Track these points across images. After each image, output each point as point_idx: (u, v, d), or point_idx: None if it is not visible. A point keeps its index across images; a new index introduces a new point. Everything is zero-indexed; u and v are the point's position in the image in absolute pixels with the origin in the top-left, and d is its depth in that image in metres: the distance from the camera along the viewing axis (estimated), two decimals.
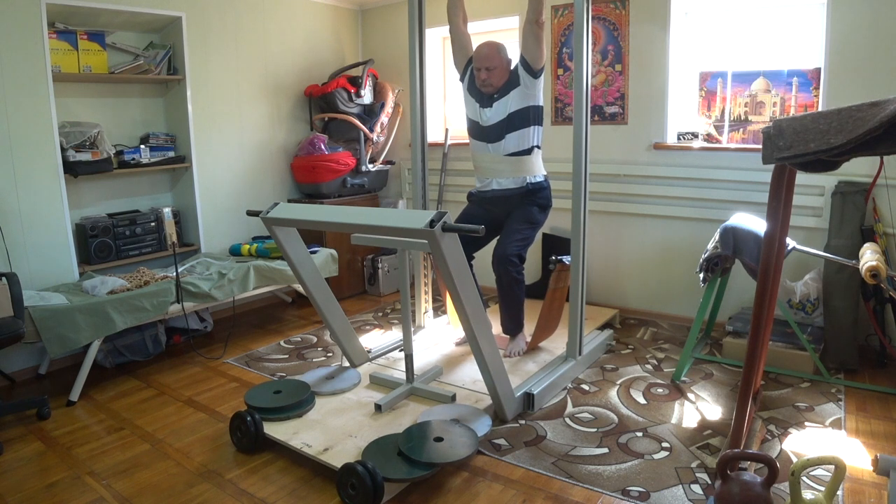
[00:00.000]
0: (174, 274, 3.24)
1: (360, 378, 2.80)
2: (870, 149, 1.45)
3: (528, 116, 2.90)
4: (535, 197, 3.00)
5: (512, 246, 2.89)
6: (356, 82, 4.34)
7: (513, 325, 3.09)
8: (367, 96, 4.41)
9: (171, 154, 3.69)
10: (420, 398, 2.60)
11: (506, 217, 3.02)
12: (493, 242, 3.03)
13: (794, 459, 2.16)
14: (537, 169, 3.00)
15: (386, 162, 4.72)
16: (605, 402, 2.68)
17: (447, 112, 4.70)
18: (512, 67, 2.94)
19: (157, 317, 3.06)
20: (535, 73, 2.86)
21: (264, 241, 3.88)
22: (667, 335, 3.53)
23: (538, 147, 2.98)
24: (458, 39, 3.08)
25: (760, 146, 1.69)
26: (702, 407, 2.62)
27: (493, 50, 2.91)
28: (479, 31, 4.45)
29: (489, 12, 4.19)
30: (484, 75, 2.90)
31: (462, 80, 3.10)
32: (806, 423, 2.43)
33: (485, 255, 4.52)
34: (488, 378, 2.38)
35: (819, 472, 2.06)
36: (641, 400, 2.70)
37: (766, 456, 1.65)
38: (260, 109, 4.23)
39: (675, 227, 3.66)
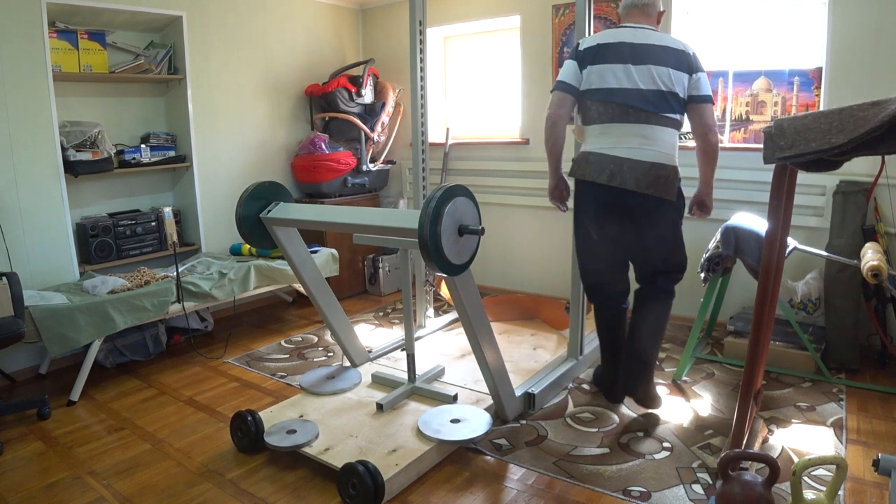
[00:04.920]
0: (175, 273, 3.24)
1: (361, 378, 2.80)
2: (871, 148, 1.44)
3: None
4: None
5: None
6: (357, 82, 4.34)
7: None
8: (367, 96, 4.40)
9: (172, 153, 3.69)
10: (421, 398, 2.60)
11: None
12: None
13: (796, 459, 2.15)
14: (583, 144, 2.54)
15: (387, 161, 4.72)
16: (606, 402, 2.68)
17: (448, 112, 4.70)
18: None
19: (157, 316, 3.06)
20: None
21: None
22: (668, 335, 3.52)
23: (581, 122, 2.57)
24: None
25: (761, 146, 1.69)
26: (703, 407, 2.61)
27: None
28: (478, 31, 4.45)
29: (489, 12, 4.19)
30: None
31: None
32: (807, 423, 2.43)
33: (487, 254, 4.51)
34: (489, 378, 2.37)
35: (820, 471, 2.05)
36: None
37: (767, 456, 1.64)
38: (260, 109, 4.22)
39: None
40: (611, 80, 2.33)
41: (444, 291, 3.79)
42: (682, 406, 2.62)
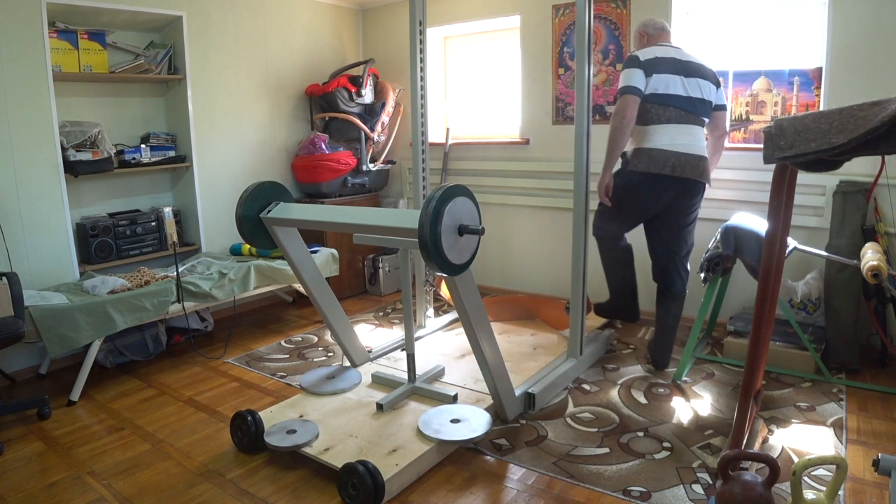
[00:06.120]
0: (175, 273, 3.24)
1: (361, 378, 2.80)
2: (871, 148, 1.44)
3: None
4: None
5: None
6: (357, 82, 4.34)
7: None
8: (367, 96, 4.40)
9: (172, 153, 3.69)
10: (421, 398, 2.60)
11: None
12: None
13: (796, 459, 2.15)
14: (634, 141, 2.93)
15: (387, 161, 4.72)
16: (606, 402, 2.68)
17: (448, 112, 4.70)
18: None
19: (157, 316, 3.06)
20: None
21: None
22: None
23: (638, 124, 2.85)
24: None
25: (762, 146, 1.69)
26: (703, 407, 2.61)
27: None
28: (478, 31, 4.45)
29: (489, 12, 4.19)
30: None
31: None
32: (807, 423, 2.43)
33: (487, 254, 4.50)
34: (489, 378, 2.37)
35: (820, 471, 2.05)
36: (643, 400, 2.70)
37: (767, 456, 1.64)
38: (260, 109, 4.22)
39: None
40: (670, 87, 2.79)
41: (444, 291, 3.79)
42: (682, 406, 2.62)
